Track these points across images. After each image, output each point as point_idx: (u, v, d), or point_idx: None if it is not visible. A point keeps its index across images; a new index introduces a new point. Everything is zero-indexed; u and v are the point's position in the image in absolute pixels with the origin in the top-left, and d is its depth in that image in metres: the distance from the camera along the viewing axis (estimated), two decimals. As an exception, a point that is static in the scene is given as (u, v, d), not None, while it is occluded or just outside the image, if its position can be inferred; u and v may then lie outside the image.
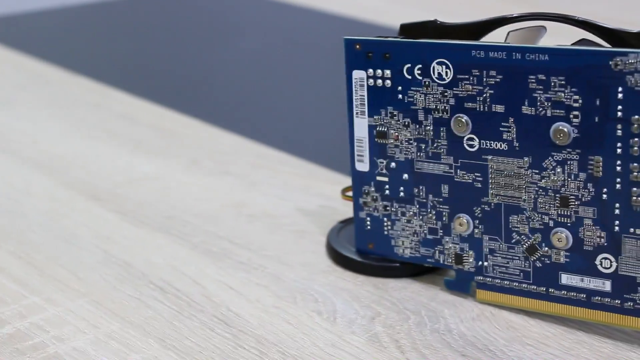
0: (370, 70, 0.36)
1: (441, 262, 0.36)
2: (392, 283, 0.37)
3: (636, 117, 0.31)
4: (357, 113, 0.36)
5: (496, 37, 0.35)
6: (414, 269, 0.37)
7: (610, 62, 0.31)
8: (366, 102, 0.36)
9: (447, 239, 0.36)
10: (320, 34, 0.76)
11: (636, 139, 0.31)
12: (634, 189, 0.32)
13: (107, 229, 0.42)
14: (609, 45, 0.33)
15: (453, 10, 0.77)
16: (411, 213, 0.36)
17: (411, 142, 0.36)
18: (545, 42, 0.35)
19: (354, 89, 0.36)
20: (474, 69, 0.34)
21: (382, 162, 0.36)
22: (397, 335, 0.34)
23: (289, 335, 0.34)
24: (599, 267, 0.33)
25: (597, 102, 0.32)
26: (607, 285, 0.33)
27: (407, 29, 0.36)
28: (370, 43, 0.36)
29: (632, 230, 0.32)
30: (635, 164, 0.32)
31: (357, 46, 0.36)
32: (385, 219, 0.37)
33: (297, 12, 0.82)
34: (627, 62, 0.31)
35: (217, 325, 0.34)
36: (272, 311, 0.35)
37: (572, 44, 0.33)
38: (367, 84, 0.36)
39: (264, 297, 0.36)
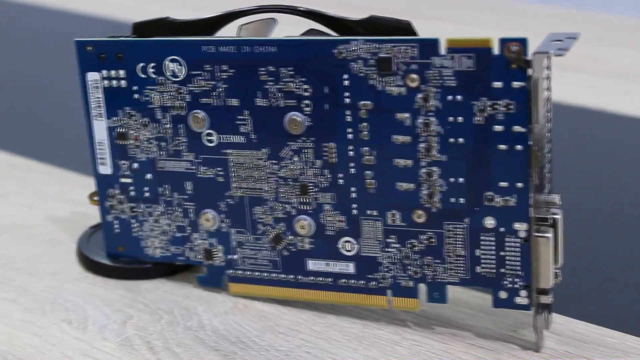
0: (104, 72, 0.35)
1: (192, 259, 0.36)
2: (145, 284, 0.37)
3: (362, 102, 0.32)
4: (94, 115, 0.36)
5: (230, 31, 0.35)
6: (167, 269, 0.37)
7: (334, 51, 0.32)
8: (103, 104, 0.36)
9: (195, 236, 0.36)
10: (60, 34, 0.74)
11: (365, 124, 0.32)
12: (367, 172, 0.33)
13: None
14: (336, 34, 0.34)
15: (194, 3, 0.77)
16: (158, 213, 0.36)
17: (151, 141, 0.35)
18: (277, 33, 0.35)
19: (89, 91, 0.36)
20: (206, 65, 0.34)
21: (125, 164, 0.36)
22: (150, 336, 0.34)
23: (36, 348, 0.33)
24: (342, 250, 0.34)
25: (326, 90, 0.32)
26: (351, 268, 0.34)
27: (140, 28, 0.36)
28: (102, 44, 0.35)
29: (368, 212, 0.33)
30: (366, 148, 0.33)
31: (89, 47, 0.35)
32: (133, 220, 0.37)
33: (33, 12, 0.79)
34: (349, 49, 0.32)
35: (-41, 346, 0.33)
36: (19, 325, 0.34)
37: (301, 35, 0.34)
38: (102, 85, 0.35)
39: (12, 311, 0.35)
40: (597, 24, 0.79)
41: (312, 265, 0.35)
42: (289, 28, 0.35)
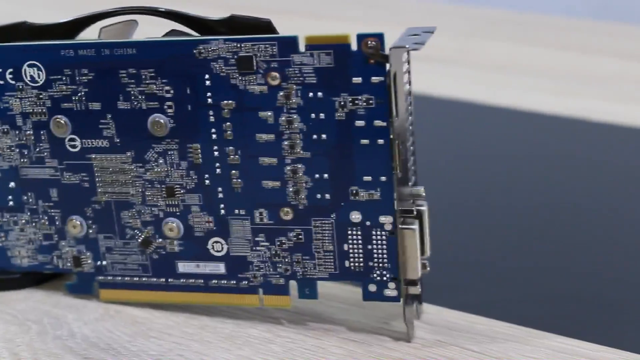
0: (-40, 79, 0.34)
1: (60, 267, 0.36)
2: (14, 295, 0.36)
3: (225, 102, 0.32)
4: (-47, 124, 0.35)
5: (93, 34, 0.35)
6: (35, 278, 0.37)
7: (195, 51, 0.32)
8: (-39, 112, 0.35)
9: (63, 243, 0.35)
10: None
11: (228, 123, 0.32)
12: (233, 171, 0.33)
13: None
14: (197, 34, 0.33)
15: (54, 6, 0.76)
16: (23, 221, 0.35)
17: (13, 148, 0.35)
18: (139, 35, 0.35)
19: (-54, 99, 0.35)
20: (66, 69, 0.33)
21: (-13, 173, 0.35)
22: (17, 348, 0.33)
23: None
24: (212, 251, 0.34)
25: (188, 91, 0.32)
26: (221, 268, 0.34)
27: (-2, 33, 0.35)
28: (-44, 50, 0.34)
29: (236, 211, 0.33)
30: (231, 148, 0.32)
31: (-57, 55, 0.34)
32: (-2, 230, 0.36)
33: None
34: (210, 49, 0.32)
35: None
36: None
37: (162, 36, 0.33)
38: (-40, 93, 0.34)
39: None
40: (471, 17, 0.80)
41: (183, 267, 0.34)
42: (152, 29, 0.34)
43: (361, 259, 0.33)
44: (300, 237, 0.33)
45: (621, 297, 0.36)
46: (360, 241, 0.32)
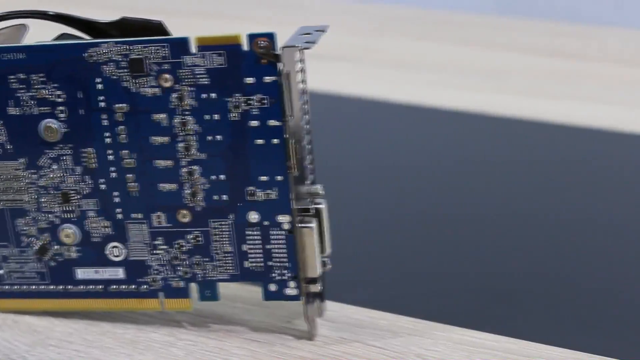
0: None
1: (-45, 277, 0.35)
2: None
3: (118, 105, 0.32)
4: None
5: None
6: None
7: (85, 54, 0.31)
8: None
9: (-43, 253, 0.35)
10: None
11: (122, 127, 0.32)
12: (128, 175, 0.32)
13: None
14: (89, 38, 0.33)
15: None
16: None
17: None
18: (30, 39, 0.34)
19: None
20: (-47, 75, 0.32)
21: None
22: None
23: None
24: (110, 256, 0.34)
25: (80, 95, 0.32)
26: (120, 273, 0.34)
27: None
28: None
29: (133, 215, 0.33)
30: (125, 151, 0.32)
31: None
32: None
33: None
34: (100, 52, 0.31)
35: None
36: None
37: (53, 40, 0.33)
38: None
39: None
40: (376, 15, 0.81)
41: (81, 273, 0.34)
42: (43, 33, 0.34)
43: (260, 259, 0.32)
44: (198, 239, 0.33)
45: (519, 289, 0.37)
46: (259, 241, 0.32)
